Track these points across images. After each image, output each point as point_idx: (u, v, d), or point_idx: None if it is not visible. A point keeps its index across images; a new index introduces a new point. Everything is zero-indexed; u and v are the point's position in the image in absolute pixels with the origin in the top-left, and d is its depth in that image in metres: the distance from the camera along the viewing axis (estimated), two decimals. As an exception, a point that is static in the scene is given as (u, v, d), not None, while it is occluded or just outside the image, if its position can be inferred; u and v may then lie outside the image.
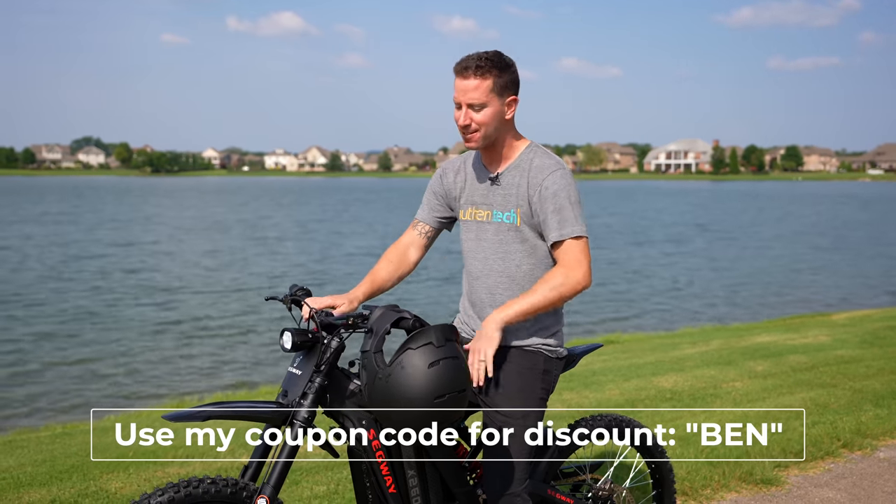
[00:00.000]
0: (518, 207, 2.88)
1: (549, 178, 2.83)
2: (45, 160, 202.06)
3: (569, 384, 7.27)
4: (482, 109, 2.80)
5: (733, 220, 48.55)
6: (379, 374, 2.57)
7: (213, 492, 2.55)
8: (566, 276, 2.78)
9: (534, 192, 2.84)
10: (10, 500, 4.42)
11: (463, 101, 2.81)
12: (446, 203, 3.12)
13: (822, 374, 7.48)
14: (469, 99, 2.79)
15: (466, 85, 2.79)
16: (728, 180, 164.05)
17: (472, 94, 2.79)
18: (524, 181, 2.87)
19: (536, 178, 2.84)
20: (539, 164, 2.87)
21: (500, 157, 2.94)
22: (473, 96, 2.79)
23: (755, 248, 31.78)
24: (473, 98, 2.79)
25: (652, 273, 23.80)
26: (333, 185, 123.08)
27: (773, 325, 13.08)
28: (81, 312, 16.29)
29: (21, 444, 6.36)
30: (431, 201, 3.15)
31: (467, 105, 2.81)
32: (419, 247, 3.17)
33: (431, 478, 2.91)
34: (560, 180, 2.82)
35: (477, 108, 2.80)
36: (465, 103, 2.81)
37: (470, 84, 2.78)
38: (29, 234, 33.92)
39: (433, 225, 3.16)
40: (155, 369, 11.93)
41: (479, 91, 2.78)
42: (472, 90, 2.78)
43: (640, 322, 16.27)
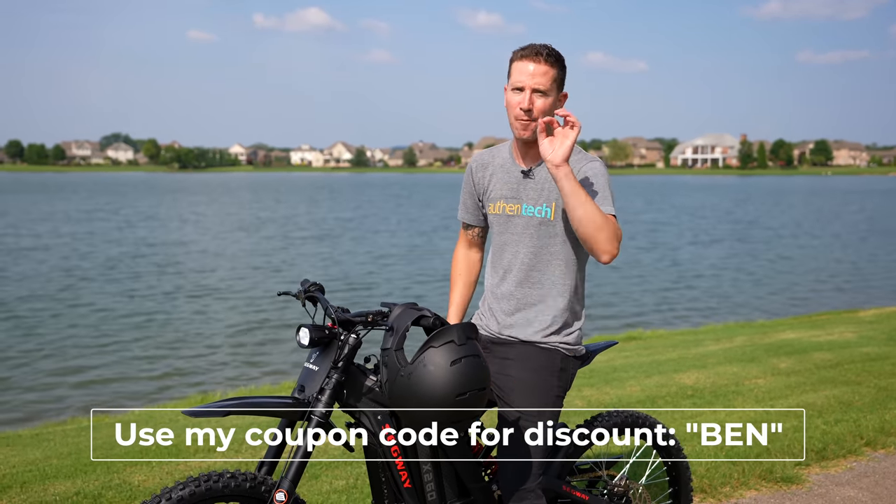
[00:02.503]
0: (555, 202, 2.89)
1: (587, 165, 2.86)
2: (74, 156, 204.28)
3: (589, 380, 7.27)
4: (543, 97, 2.81)
5: (787, 216, 47.53)
6: (401, 372, 2.60)
7: (233, 486, 2.59)
8: (613, 227, 2.69)
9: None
10: (35, 492, 4.50)
11: (529, 84, 2.80)
12: (480, 199, 3.14)
13: (847, 371, 7.41)
14: (536, 83, 2.79)
15: (537, 69, 2.79)
16: (756, 175, 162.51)
17: (541, 79, 2.79)
18: None
19: (575, 167, 2.85)
20: (575, 157, 2.89)
21: (536, 152, 2.94)
22: (541, 81, 2.79)
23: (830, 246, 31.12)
24: (541, 83, 2.79)
25: (718, 271, 23.27)
26: (362, 181, 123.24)
27: (799, 322, 12.96)
28: (132, 313, 16.36)
29: (48, 437, 6.48)
30: (468, 202, 3.17)
31: (532, 90, 2.80)
32: (477, 246, 3.25)
33: (447, 473, 2.93)
34: (600, 168, 2.87)
35: (540, 95, 2.81)
36: (531, 87, 2.80)
37: (541, 69, 2.79)
38: (73, 232, 34.11)
39: (480, 224, 3.19)
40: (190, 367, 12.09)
41: (548, 77, 2.80)
42: (542, 75, 2.79)
43: (678, 317, 16.18)
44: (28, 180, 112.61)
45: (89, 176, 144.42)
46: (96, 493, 4.40)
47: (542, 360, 2.93)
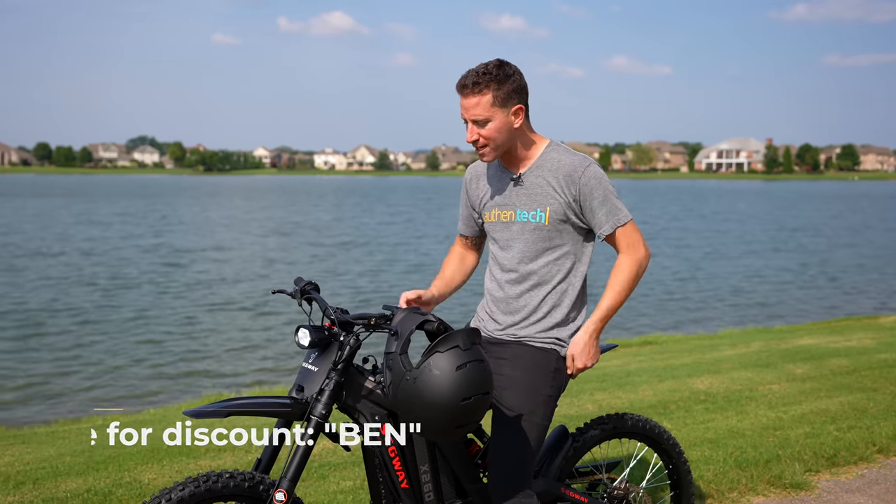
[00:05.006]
0: (548, 206, 2.91)
1: (584, 174, 2.88)
2: (101, 159, 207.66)
3: (602, 385, 7.26)
4: (487, 124, 2.85)
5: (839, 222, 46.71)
6: (406, 376, 2.61)
7: (233, 486, 2.62)
8: (633, 260, 2.94)
9: (572, 189, 2.88)
10: (48, 488, 4.57)
11: (468, 118, 2.86)
12: (474, 210, 3.18)
13: (864, 377, 7.35)
14: (472, 116, 2.85)
15: (467, 103, 2.84)
16: (781, 180, 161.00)
17: (474, 111, 2.83)
18: (551, 179, 2.90)
19: (571, 177, 2.88)
20: (568, 162, 2.90)
21: (521, 159, 2.97)
22: (475, 113, 2.83)
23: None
24: (476, 115, 2.84)
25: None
26: (387, 185, 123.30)
27: (817, 328, 12.84)
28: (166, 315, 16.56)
29: (62, 435, 6.59)
30: (465, 213, 3.23)
31: (472, 121, 2.86)
32: (472, 250, 3.29)
33: (444, 474, 2.95)
34: (596, 174, 2.88)
35: (482, 124, 2.85)
36: (469, 120, 2.87)
37: (470, 102, 2.83)
38: (105, 236, 34.49)
39: (475, 235, 3.25)
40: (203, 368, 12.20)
41: (480, 107, 2.82)
42: (473, 107, 2.83)
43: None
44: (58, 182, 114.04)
45: (117, 178, 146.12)
46: (107, 491, 4.46)
47: (537, 359, 2.95)
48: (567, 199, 2.89)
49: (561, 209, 2.90)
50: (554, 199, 2.90)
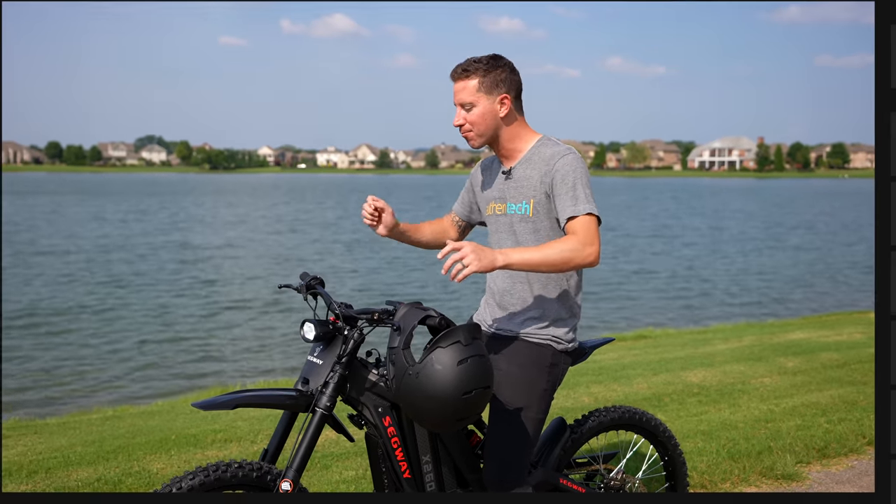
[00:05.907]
0: (532, 199, 2.97)
1: (560, 161, 2.91)
2: (110, 157, 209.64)
3: (598, 377, 7.35)
4: (472, 109, 2.95)
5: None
6: (409, 371, 2.68)
7: (241, 475, 2.69)
8: (581, 246, 2.76)
9: (547, 178, 2.92)
10: (59, 477, 4.67)
11: (456, 102, 2.97)
12: (475, 199, 3.26)
13: (854, 371, 7.44)
14: (458, 100, 2.96)
15: (456, 87, 2.96)
16: (773, 178, 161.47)
17: (460, 94, 2.95)
18: (536, 172, 2.96)
19: (549, 164, 2.93)
20: (550, 152, 2.96)
21: (512, 153, 3.04)
22: (461, 97, 2.95)
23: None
24: (461, 98, 2.95)
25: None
26: (388, 183, 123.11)
27: (808, 322, 12.96)
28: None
29: (73, 426, 6.70)
30: (465, 197, 3.32)
31: (459, 105, 2.97)
32: (454, 229, 3.38)
33: (445, 464, 3.03)
34: (572, 163, 2.90)
35: (467, 108, 2.95)
36: (456, 104, 2.98)
37: (459, 85, 2.95)
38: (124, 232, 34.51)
39: (463, 218, 3.35)
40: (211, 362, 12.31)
41: (466, 92, 2.94)
42: (460, 91, 2.95)
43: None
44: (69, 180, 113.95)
45: (126, 177, 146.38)
46: (117, 480, 4.55)
47: (532, 354, 3.01)
48: (546, 188, 2.93)
49: (544, 200, 2.94)
50: (537, 191, 2.95)
